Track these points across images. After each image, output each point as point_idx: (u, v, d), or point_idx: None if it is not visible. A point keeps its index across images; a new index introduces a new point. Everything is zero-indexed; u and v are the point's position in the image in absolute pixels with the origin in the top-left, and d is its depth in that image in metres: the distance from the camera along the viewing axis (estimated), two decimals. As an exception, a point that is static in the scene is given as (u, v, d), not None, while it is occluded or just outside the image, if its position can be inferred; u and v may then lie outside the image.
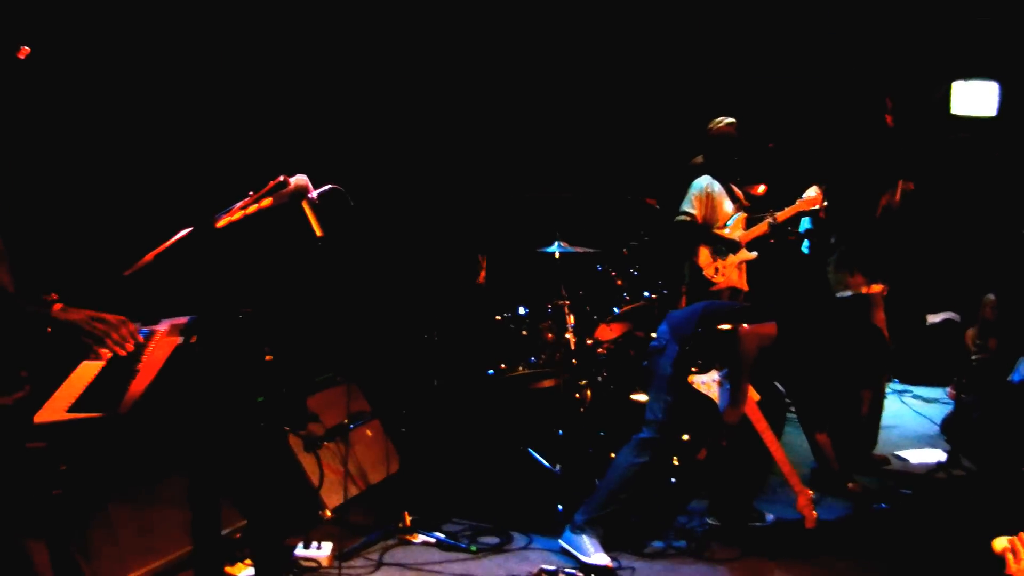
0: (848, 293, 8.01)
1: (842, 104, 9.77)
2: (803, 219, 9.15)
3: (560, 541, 6.64)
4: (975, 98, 10.73)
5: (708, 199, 8.69)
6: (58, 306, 4.20)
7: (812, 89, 12.12)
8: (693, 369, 6.42)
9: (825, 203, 8.29)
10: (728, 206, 8.79)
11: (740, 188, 8.89)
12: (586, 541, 6.45)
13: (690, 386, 6.42)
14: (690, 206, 8.69)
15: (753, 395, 6.39)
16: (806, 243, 10.21)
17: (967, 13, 11.37)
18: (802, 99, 12.20)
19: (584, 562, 6.37)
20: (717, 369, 6.42)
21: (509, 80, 10.65)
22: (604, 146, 11.24)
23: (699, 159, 9.10)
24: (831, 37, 12.12)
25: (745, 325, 6.28)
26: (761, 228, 8.67)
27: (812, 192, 8.53)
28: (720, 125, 8.71)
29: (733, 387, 6.31)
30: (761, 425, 6.38)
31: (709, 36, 11.73)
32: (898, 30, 11.73)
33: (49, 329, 4.01)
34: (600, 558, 6.39)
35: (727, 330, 6.32)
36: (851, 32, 12.00)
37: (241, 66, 7.92)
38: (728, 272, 8.62)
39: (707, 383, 6.42)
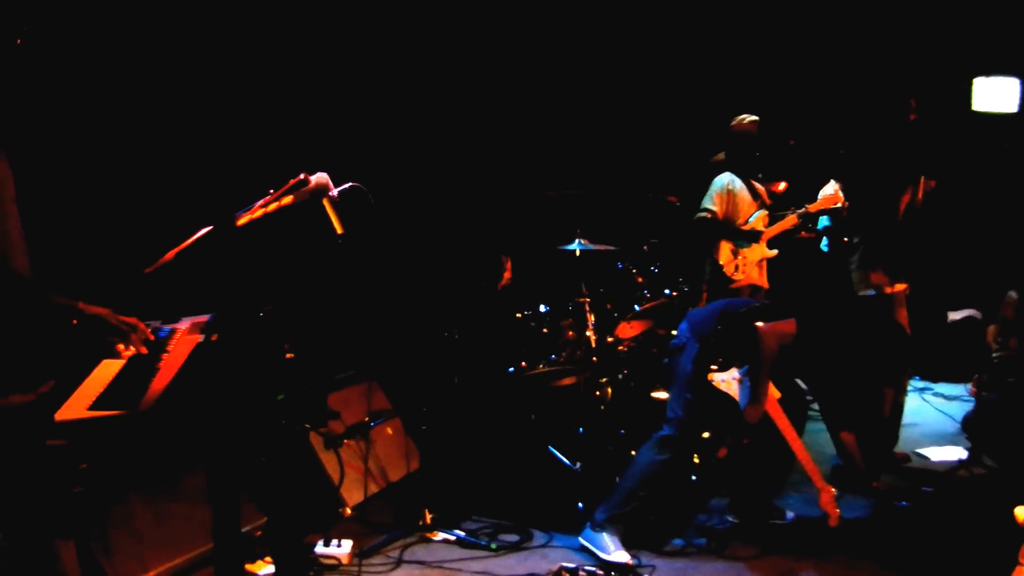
0: (871, 292, 7.98)
1: (864, 101, 9.73)
2: (821, 217, 9.12)
3: (580, 539, 6.64)
4: (997, 94, 10.68)
5: (729, 196, 8.68)
6: (80, 304, 4.21)
7: (833, 85, 12.10)
8: (713, 367, 6.41)
9: (846, 201, 8.27)
10: (749, 203, 8.77)
11: (761, 185, 8.87)
12: (606, 539, 6.45)
13: (710, 384, 6.41)
14: (711, 203, 8.68)
15: (774, 392, 6.38)
16: (825, 240, 10.18)
17: (989, 9, 11.34)
18: (823, 96, 12.18)
19: (604, 559, 6.36)
20: (737, 367, 6.41)
21: (531, 78, 10.65)
22: (625, 144, 11.23)
23: (720, 156, 9.07)
24: (853, 33, 12.09)
25: (764, 323, 6.27)
26: (790, 221, 8.65)
27: (830, 189, 8.50)
28: (743, 122, 8.69)
29: (753, 385, 6.30)
30: (782, 423, 6.37)
31: (730, 33, 11.71)
32: (920, 26, 11.70)
33: (75, 321, 4.01)
34: (620, 555, 6.40)
35: (747, 328, 6.31)
36: (873, 28, 11.97)
37: (263, 65, 7.94)
38: (748, 270, 8.61)
39: (727, 381, 6.41)
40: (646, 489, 6.56)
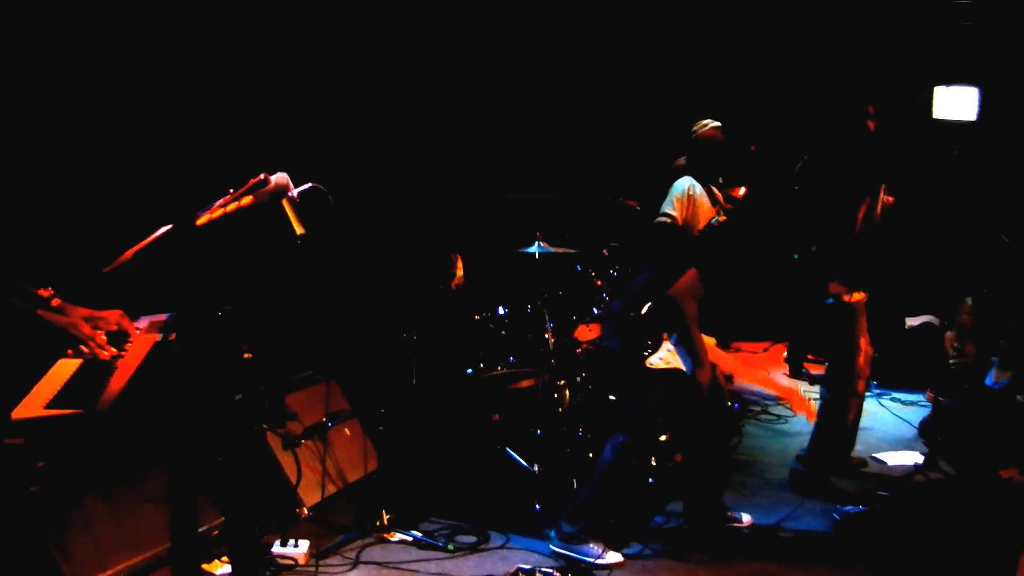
0: (830, 300, 8.00)
1: (824, 109, 9.79)
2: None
3: (559, 550, 6.62)
4: (956, 103, 10.76)
5: (690, 201, 8.67)
6: (56, 302, 4.21)
7: (794, 92, 12.16)
8: (646, 353, 6.43)
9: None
10: (708, 209, 8.80)
11: (721, 191, 8.90)
12: (592, 546, 6.47)
13: (651, 369, 6.43)
14: (671, 208, 8.66)
15: (709, 341, 6.45)
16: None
17: (949, 19, 11.43)
18: (784, 102, 12.24)
19: (598, 564, 6.39)
20: (667, 339, 6.45)
21: (491, 81, 10.66)
22: (585, 147, 11.26)
23: (681, 161, 9.07)
24: (814, 41, 12.16)
25: (674, 286, 6.30)
26: None
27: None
28: (706, 128, 8.70)
29: (689, 348, 6.35)
30: (727, 363, 6.46)
31: (691, 38, 11.76)
32: (880, 35, 11.77)
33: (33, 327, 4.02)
34: (613, 556, 6.49)
35: (660, 300, 6.35)
36: (834, 36, 12.04)
37: (222, 65, 7.92)
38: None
39: (664, 358, 6.44)
40: (614, 494, 6.59)
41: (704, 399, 6.55)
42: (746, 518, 7.23)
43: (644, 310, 6.47)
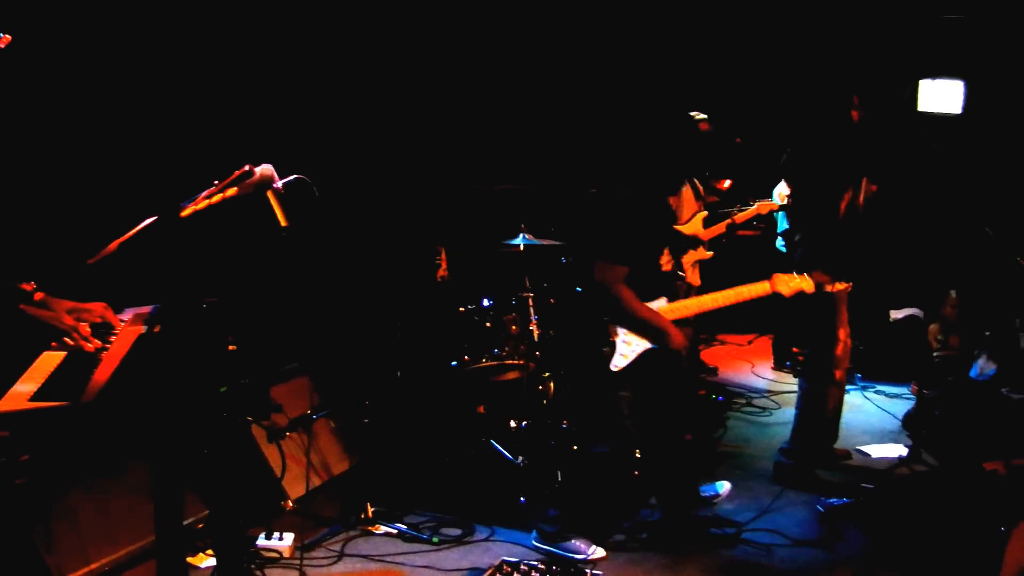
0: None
1: (809, 99, 9.79)
2: (780, 217, 9.19)
3: (541, 546, 6.63)
4: (941, 96, 10.80)
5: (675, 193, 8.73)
6: (39, 295, 4.20)
7: (779, 84, 12.17)
8: (607, 355, 6.39)
9: (788, 200, 8.32)
10: (691, 203, 8.82)
11: (706, 183, 8.91)
12: (576, 543, 6.47)
13: (619, 371, 6.39)
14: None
15: (661, 305, 6.44)
16: (780, 241, 10.26)
17: (935, 11, 11.44)
18: (769, 94, 12.25)
19: (585, 560, 6.38)
20: (614, 331, 6.41)
21: (475, 72, 10.65)
22: (570, 139, 11.26)
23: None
24: (799, 32, 12.17)
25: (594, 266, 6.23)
26: (719, 228, 8.71)
27: (775, 194, 8.60)
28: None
29: (638, 328, 6.32)
30: (694, 305, 6.48)
31: (676, 30, 11.75)
32: (866, 27, 11.79)
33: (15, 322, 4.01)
34: (598, 551, 6.48)
35: (576, 299, 6.32)
36: (819, 28, 12.05)
37: (207, 56, 7.90)
38: (684, 268, 8.67)
39: (624, 352, 6.38)
40: (592, 496, 6.60)
41: (685, 368, 6.53)
42: (724, 488, 7.22)
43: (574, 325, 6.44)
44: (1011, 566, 4.94)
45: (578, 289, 6.53)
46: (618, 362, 6.30)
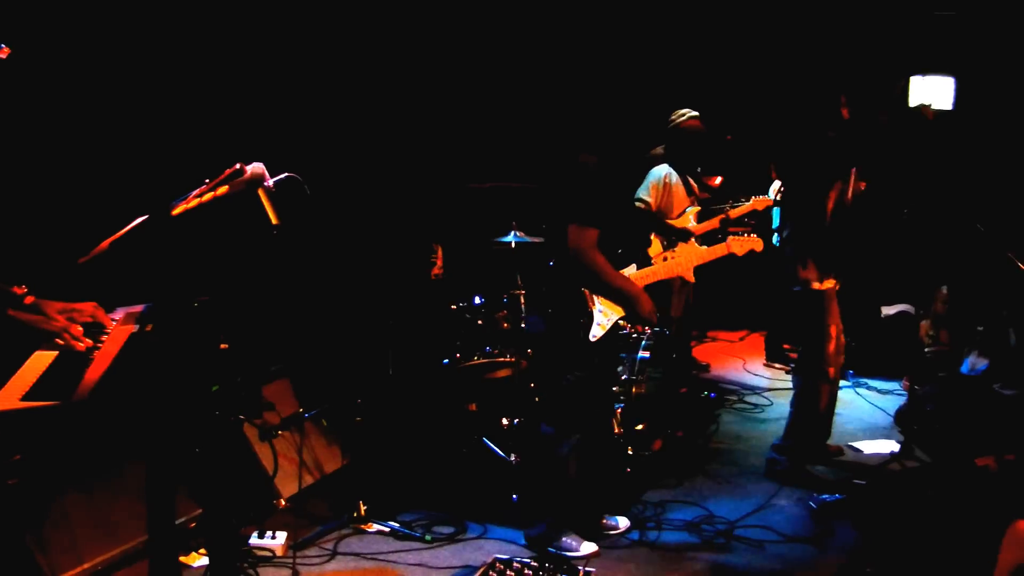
0: (797, 287, 7.99)
1: (799, 97, 9.80)
2: (775, 213, 9.21)
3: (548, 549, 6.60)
4: (932, 92, 10.82)
5: (666, 189, 8.77)
6: (29, 299, 4.19)
7: (770, 81, 12.18)
8: (583, 327, 6.37)
9: (779, 195, 8.34)
10: (683, 198, 8.85)
11: (698, 180, 8.95)
12: (568, 540, 6.46)
13: (598, 340, 6.38)
14: (646, 193, 8.76)
15: (631, 271, 6.47)
16: (776, 237, 10.27)
17: (926, 8, 11.47)
18: (760, 91, 12.26)
19: (577, 557, 6.37)
20: (591, 302, 6.40)
21: (467, 69, 10.65)
22: (561, 136, 11.26)
23: (658, 150, 9.11)
24: (790, 29, 12.18)
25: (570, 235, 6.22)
26: (712, 223, 8.74)
27: (771, 191, 8.63)
28: (685, 118, 8.73)
29: (611, 295, 6.34)
30: (661, 270, 6.60)
31: (666, 28, 11.76)
32: (857, 24, 11.81)
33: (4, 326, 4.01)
34: (588, 546, 6.47)
35: (560, 266, 6.29)
36: (810, 25, 12.07)
37: (198, 54, 7.89)
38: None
39: (600, 322, 6.35)
40: (578, 487, 6.58)
41: (657, 330, 6.52)
42: (622, 523, 7.15)
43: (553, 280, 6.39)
44: (1004, 566, 4.94)
45: (550, 264, 6.50)
46: (595, 332, 6.30)
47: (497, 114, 10.78)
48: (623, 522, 6.96)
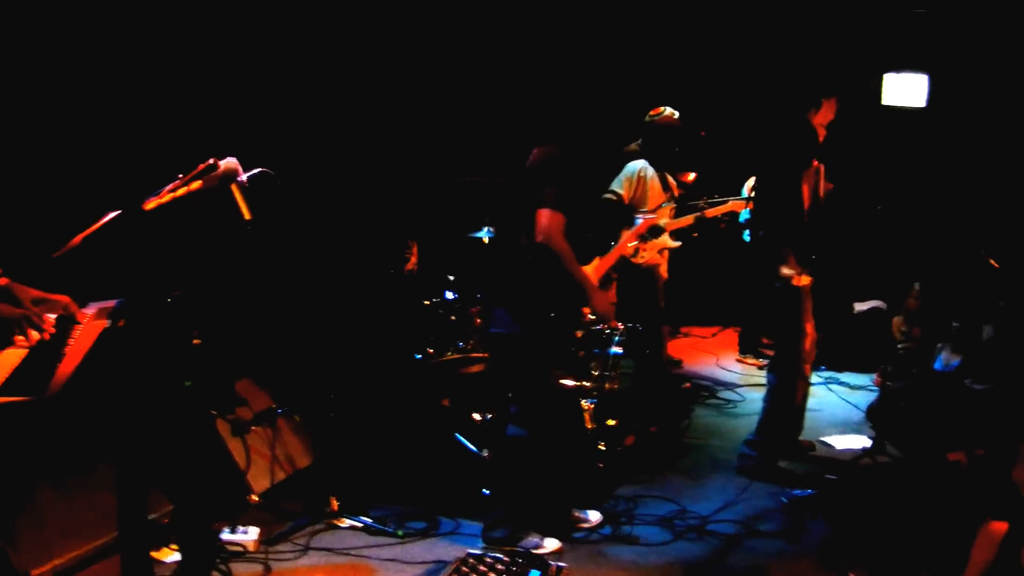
0: (778, 284, 7.99)
1: (772, 94, 9.83)
2: (743, 211, 9.24)
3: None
4: (905, 89, 10.87)
5: (640, 183, 8.79)
6: (3, 280, 4.18)
7: (743, 78, 12.22)
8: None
9: (753, 194, 8.35)
10: (659, 193, 8.86)
11: (673, 176, 8.97)
12: (529, 538, 6.44)
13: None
14: (619, 186, 8.80)
15: (590, 269, 6.52)
16: (747, 233, 10.29)
17: (899, 5, 11.50)
18: (734, 88, 12.29)
19: (543, 553, 6.33)
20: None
21: (440, 64, 10.64)
22: (534, 132, 11.26)
23: (634, 146, 9.13)
24: (764, 26, 12.20)
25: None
26: (687, 220, 8.76)
27: (745, 190, 8.66)
28: (664, 115, 8.75)
29: (574, 284, 6.32)
30: (610, 257, 6.66)
31: (640, 24, 11.77)
32: (830, 21, 11.83)
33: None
34: (551, 542, 6.47)
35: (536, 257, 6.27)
36: (784, 22, 12.09)
37: (172, 48, 7.87)
38: (648, 254, 8.69)
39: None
40: (547, 488, 6.58)
41: (630, 326, 6.54)
42: (594, 517, 7.17)
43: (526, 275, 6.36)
44: (976, 566, 4.97)
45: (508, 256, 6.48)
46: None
47: (474, 109, 10.79)
48: (594, 516, 6.98)
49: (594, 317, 6.81)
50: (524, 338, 6.35)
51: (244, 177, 4.50)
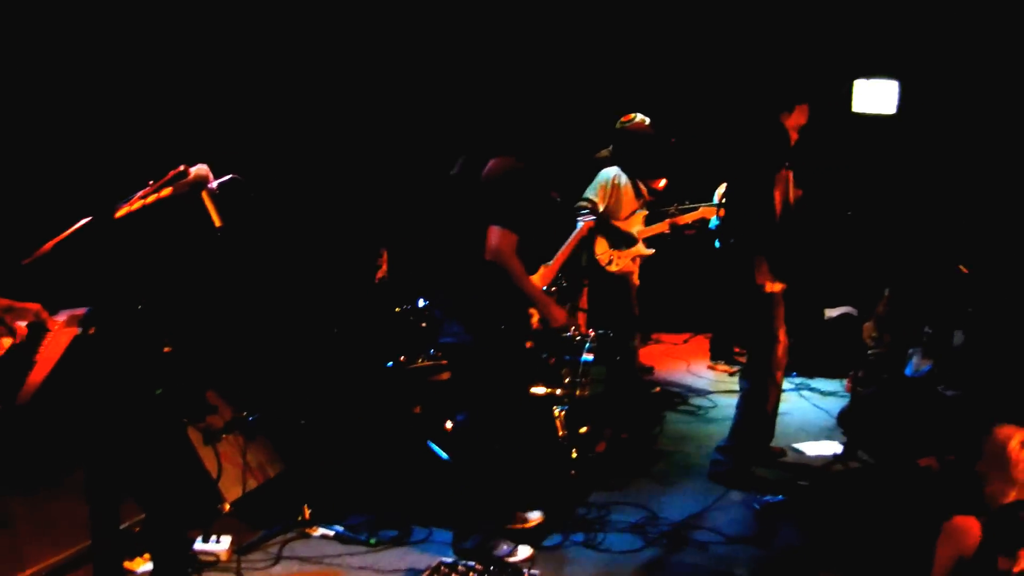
0: (753, 291, 8.00)
1: (743, 100, 9.85)
2: (712, 217, 9.26)
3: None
4: (875, 96, 10.91)
5: (614, 190, 8.81)
6: None
7: (715, 84, 12.24)
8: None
9: (722, 202, 8.37)
10: (631, 200, 8.89)
11: (644, 183, 8.99)
12: (501, 546, 6.44)
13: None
14: (593, 194, 8.83)
15: (536, 278, 6.55)
16: (717, 240, 10.32)
17: (869, 12, 11.55)
18: (704, 94, 12.32)
19: (515, 561, 6.35)
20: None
21: (411, 70, 10.63)
22: (507, 138, 11.26)
23: (605, 152, 9.15)
24: (734, 33, 12.24)
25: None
26: (661, 227, 8.78)
27: (715, 196, 8.70)
28: (635, 121, 8.77)
29: (525, 300, 6.39)
30: (556, 262, 6.62)
31: (611, 30, 11.79)
32: (801, 27, 11.88)
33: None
34: (524, 549, 6.49)
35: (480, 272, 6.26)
36: (753, 28, 12.12)
37: (141, 54, 7.85)
38: (622, 262, 8.73)
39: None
40: (494, 490, 6.57)
41: (601, 332, 6.54)
42: (533, 516, 7.08)
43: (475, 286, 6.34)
44: (941, 563, 4.98)
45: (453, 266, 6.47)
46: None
47: (443, 116, 10.78)
48: (534, 515, 7.00)
49: (544, 326, 6.79)
50: (476, 347, 6.34)
51: (215, 184, 4.49)
